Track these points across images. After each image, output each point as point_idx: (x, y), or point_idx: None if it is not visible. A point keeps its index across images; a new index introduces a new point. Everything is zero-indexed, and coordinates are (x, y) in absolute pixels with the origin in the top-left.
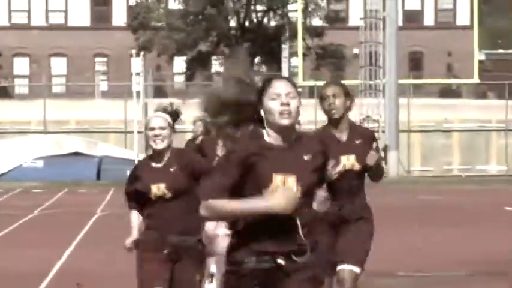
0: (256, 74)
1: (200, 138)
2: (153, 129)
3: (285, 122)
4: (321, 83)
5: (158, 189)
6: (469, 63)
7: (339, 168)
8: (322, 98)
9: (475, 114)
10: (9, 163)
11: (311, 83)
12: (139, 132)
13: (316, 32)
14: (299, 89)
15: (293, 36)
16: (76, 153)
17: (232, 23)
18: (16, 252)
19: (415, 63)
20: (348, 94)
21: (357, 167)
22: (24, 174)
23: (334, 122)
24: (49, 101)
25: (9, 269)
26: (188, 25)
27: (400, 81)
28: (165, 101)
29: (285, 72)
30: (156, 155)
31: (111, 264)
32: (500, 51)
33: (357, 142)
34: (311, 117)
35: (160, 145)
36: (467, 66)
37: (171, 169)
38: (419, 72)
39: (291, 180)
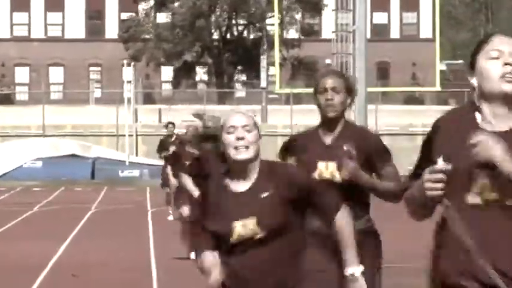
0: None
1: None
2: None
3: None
4: (296, 90)
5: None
6: (431, 72)
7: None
8: (318, 91)
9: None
10: (10, 164)
11: (287, 90)
12: (130, 136)
13: (292, 44)
14: (277, 96)
15: (271, 47)
16: (72, 155)
17: (215, 35)
18: (17, 245)
19: (382, 73)
20: (351, 90)
21: (338, 178)
22: (25, 174)
23: (327, 122)
24: (47, 107)
25: (11, 261)
26: (175, 37)
27: (369, 89)
28: (154, 107)
29: (263, 80)
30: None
31: (104, 256)
32: (460, 61)
33: (345, 147)
34: (287, 121)
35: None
36: (429, 75)
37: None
38: (386, 81)
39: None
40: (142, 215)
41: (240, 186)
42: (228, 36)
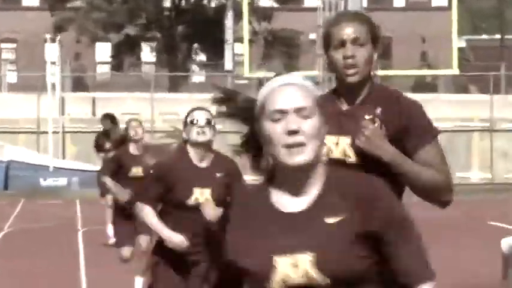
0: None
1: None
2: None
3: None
4: (270, 74)
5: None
6: (446, 51)
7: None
8: (332, 45)
9: (453, 111)
10: None
11: (260, 74)
12: (54, 133)
13: (265, 14)
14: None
15: (237, 18)
16: None
17: (166, 3)
18: None
19: (383, 51)
20: (377, 39)
21: (352, 158)
22: None
23: (348, 89)
24: None
25: None
26: (112, 3)
27: None
28: (86, 96)
29: (228, 62)
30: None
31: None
32: (484, 37)
33: (368, 117)
34: None
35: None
36: (444, 54)
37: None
38: (387, 62)
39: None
40: (71, 235)
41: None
42: (183, 3)
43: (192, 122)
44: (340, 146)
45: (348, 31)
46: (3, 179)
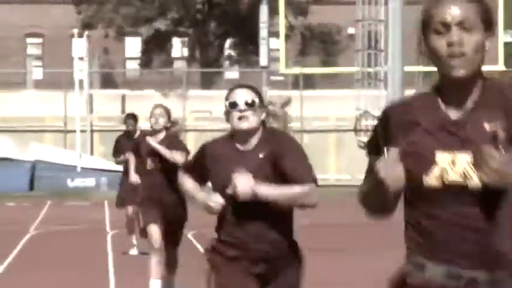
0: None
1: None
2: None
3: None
4: (308, 70)
5: None
6: (491, 45)
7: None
8: (432, 29)
9: None
10: None
11: (295, 70)
12: (82, 132)
13: (302, 8)
14: (282, 78)
15: (273, 13)
16: (3, 158)
17: None
18: None
19: None
20: (490, 23)
21: (474, 181)
22: None
23: (451, 86)
24: None
25: None
26: None
27: (406, 69)
28: (115, 93)
29: (263, 57)
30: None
31: None
32: None
33: (489, 127)
34: (295, 112)
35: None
36: (489, 49)
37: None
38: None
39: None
40: (99, 239)
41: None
42: None
43: (231, 105)
44: (458, 166)
45: (455, 12)
46: (29, 179)
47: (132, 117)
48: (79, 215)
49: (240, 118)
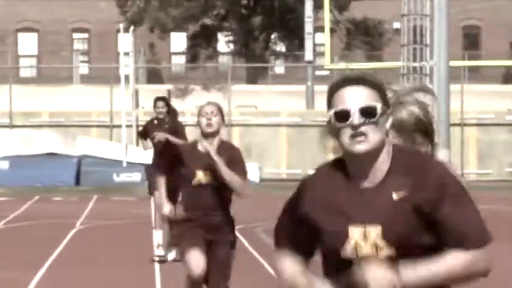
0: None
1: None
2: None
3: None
4: (354, 65)
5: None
6: None
7: None
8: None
9: None
10: None
11: (341, 65)
12: (128, 127)
13: (347, 3)
14: (327, 72)
15: (318, 7)
16: (50, 153)
17: None
18: None
19: (470, 41)
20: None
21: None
22: None
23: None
24: (16, 87)
25: None
26: None
27: (452, 63)
28: (161, 88)
29: (308, 52)
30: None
31: None
32: None
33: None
34: None
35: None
36: None
37: None
38: (475, 52)
39: None
40: (145, 233)
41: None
42: None
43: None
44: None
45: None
46: (75, 174)
47: (163, 100)
48: (125, 209)
49: (353, 136)
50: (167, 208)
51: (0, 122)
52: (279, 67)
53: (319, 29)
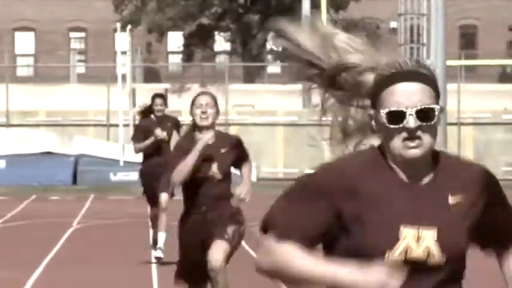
0: None
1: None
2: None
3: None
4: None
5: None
6: None
7: None
8: None
9: None
10: None
11: None
12: (125, 126)
13: (344, 2)
14: None
15: (315, 7)
16: (46, 152)
17: None
18: None
19: (467, 40)
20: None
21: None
22: None
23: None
24: (12, 86)
25: None
26: None
27: (449, 63)
28: (158, 87)
29: None
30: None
31: None
32: None
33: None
34: None
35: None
36: None
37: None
38: (472, 51)
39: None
40: (142, 232)
41: None
42: None
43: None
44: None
45: None
46: (72, 173)
47: (161, 97)
48: (122, 208)
49: (406, 139)
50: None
51: None
52: (276, 66)
53: None
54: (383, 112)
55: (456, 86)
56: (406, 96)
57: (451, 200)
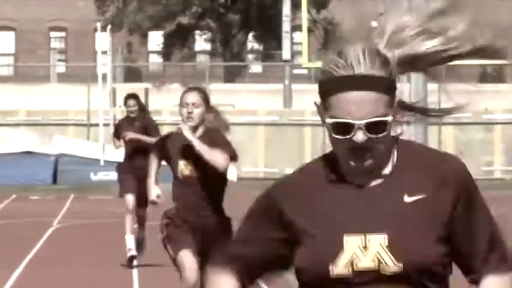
0: None
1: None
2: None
3: None
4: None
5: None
6: None
7: None
8: None
9: None
10: None
11: (318, 64)
12: (105, 125)
13: (325, 2)
14: (302, 71)
15: (296, 6)
16: (26, 152)
17: None
18: None
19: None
20: None
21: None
22: None
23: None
24: None
25: None
26: None
27: None
28: (138, 86)
29: (286, 51)
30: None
31: None
32: None
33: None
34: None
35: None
36: None
37: None
38: None
39: None
40: (122, 232)
41: None
42: None
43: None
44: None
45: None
46: (52, 172)
47: (134, 97)
48: (102, 208)
49: (354, 151)
50: (155, 192)
51: None
52: (257, 66)
53: (297, 28)
54: (329, 121)
55: (436, 86)
56: (355, 107)
57: (408, 199)
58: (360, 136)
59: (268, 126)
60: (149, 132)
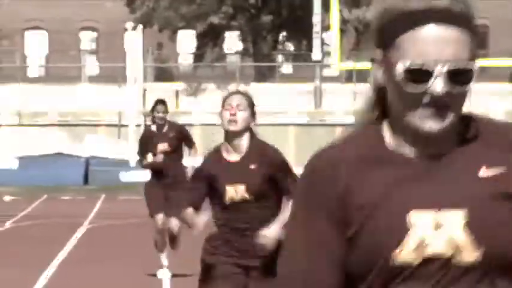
0: None
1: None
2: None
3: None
4: (362, 65)
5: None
6: None
7: None
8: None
9: None
10: None
11: (349, 65)
12: (136, 126)
13: (356, 2)
14: (333, 72)
15: (326, 6)
16: (58, 153)
17: None
18: None
19: (478, 40)
20: None
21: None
22: None
23: None
24: (24, 87)
25: None
26: None
27: None
28: (169, 86)
29: (317, 51)
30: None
31: None
32: None
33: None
34: (349, 106)
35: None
36: None
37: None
38: (483, 51)
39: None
40: (152, 233)
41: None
42: None
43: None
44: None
45: None
46: (83, 173)
47: (163, 103)
48: (132, 209)
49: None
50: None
51: (7, 122)
52: (287, 66)
53: (328, 28)
54: (399, 67)
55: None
56: (436, 47)
57: (484, 173)
58: (439, 86)
59: (299, 126)
60: (186, 142)
